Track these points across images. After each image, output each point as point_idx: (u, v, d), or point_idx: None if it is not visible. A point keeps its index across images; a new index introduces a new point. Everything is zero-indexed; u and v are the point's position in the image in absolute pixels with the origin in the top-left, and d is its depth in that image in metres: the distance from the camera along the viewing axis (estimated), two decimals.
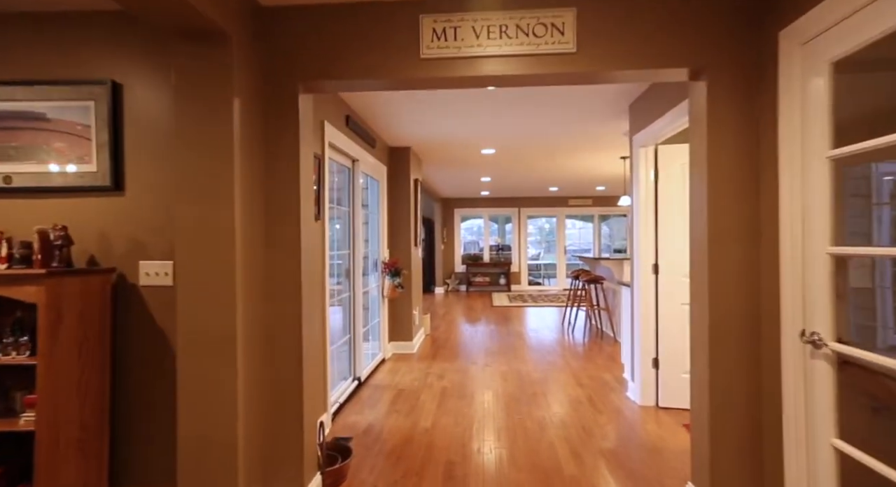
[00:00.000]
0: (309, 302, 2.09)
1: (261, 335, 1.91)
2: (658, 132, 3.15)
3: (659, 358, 3.35)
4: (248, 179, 1.81)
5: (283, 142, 1.93)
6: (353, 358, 3.88)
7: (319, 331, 2.77)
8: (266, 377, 1.92)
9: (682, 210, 3.29)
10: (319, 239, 2.85)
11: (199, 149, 1.66)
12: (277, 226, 1.94)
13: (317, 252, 2.75)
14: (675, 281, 3.30)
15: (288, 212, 1.94)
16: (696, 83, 1.90)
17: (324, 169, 2.90)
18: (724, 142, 1.80)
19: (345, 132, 3.46)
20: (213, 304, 1.64)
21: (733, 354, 1.82)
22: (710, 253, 1.84)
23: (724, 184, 1.81)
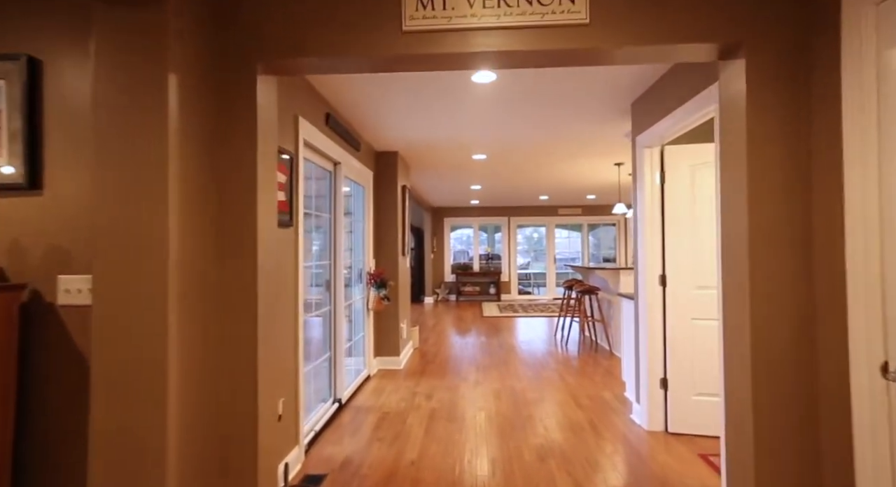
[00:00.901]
0: (269, 320, 1.77)
1: (207, 364, 1.57)
2: (664, 132, 2.91)
3: (668, 379, 3.07)
4: (190, 176, 1.49)
5: (238, 132, 1.62)
6: (333, 378, 3.54)
7: (290, 352, 2.44)
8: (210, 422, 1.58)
9: (691, 215, 3.04)
10: (291, 248, 2.53)
11: (122, 136, 1.34)
12: (230, 232, 1.62)
13: (287, 263, 2.42)
14: (686, 294, 3.03)
15: (243, 216, 1.62)
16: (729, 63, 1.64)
17: (297, 169, 2.59)
18: (767, 131, 1.54)
19: (324, 131, 3.16)
20: (136, 328, 1.32)
21: (784, 390, 1.53)
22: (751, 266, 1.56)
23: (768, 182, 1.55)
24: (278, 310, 2.37)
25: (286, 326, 2.47)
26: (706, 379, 2.98)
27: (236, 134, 1.62)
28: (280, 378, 2.35)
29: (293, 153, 2.52)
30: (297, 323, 2.60)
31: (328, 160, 3.43)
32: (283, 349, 2.42)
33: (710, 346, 2.97)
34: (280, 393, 2.35)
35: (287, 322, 2.48)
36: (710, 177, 3.01)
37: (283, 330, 2.44)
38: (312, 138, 2.88)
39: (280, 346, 2.39)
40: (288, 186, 2.45)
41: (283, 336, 2.42)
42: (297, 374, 2.59)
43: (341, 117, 3.60)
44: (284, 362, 2.43)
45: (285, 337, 2.45)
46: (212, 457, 1.57)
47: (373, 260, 4.66)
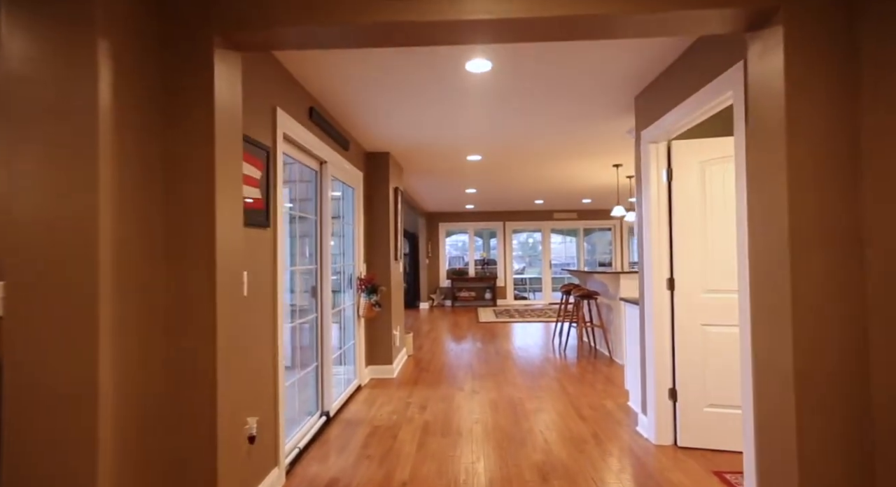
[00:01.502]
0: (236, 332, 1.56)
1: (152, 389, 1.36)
2: (672, 125, 2.73)
3: (677, 389, 2.87)
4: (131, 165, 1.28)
5: (192, 116, 1.42)
6: (320, 389, 3.32)
7: (268, 366, 2.22)
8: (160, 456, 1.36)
9: (701, 215, 2.86)
10: (268, 250, 2.32)
11: (41, 115, 1.13)
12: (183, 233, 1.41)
13: (264, 267, 2.21)
14: (695, 298, 2.85)
15: (198, 214, 1.41)
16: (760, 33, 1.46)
17: (274, 164, 2.39)
18: (811, 111, 1.36)
19: (308, 127, 2.96)
20: (58, 347, 1.10)
21: (833, 409, 1.34)
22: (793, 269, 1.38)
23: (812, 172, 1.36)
24: (253, 320, 2.16)
25: (262, 337, 2.25)
26: (719, 389, 2.78)
27: (190, 118, 1.42)
28: (254, 395, 2.13)
29: (270, 147, 2.32)
30: (277, 333, 2.39)
31: (313, 158, 3.22)
32: (258, 362, 2.20)
33: (722, 354, 2.78)
34: (254, 411, 2.13)
35: (264, 332, 2.26)
36: (721, 173, 2.84)
37: (259, 341, 2.22)
38: (294, 133, 2.67)
39: (254, 359, 2.17)
40: (264, 183, 2.24)
41: (258, 348, 2.20)
42: (277, 389, 2.37)
43: (327, 113, 3.40)
44: (259, 377, 2.21)
45: (261, 349, 2.24)
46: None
47: (364, 264, 4.45)
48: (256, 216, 2.16)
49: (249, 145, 2.10)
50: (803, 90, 1.40)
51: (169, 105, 1.42)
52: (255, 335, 2.17)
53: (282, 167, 2.47)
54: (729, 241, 2.80)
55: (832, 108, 1.35)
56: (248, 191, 2.07)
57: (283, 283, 2.47)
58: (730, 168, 2.83)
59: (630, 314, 3.66)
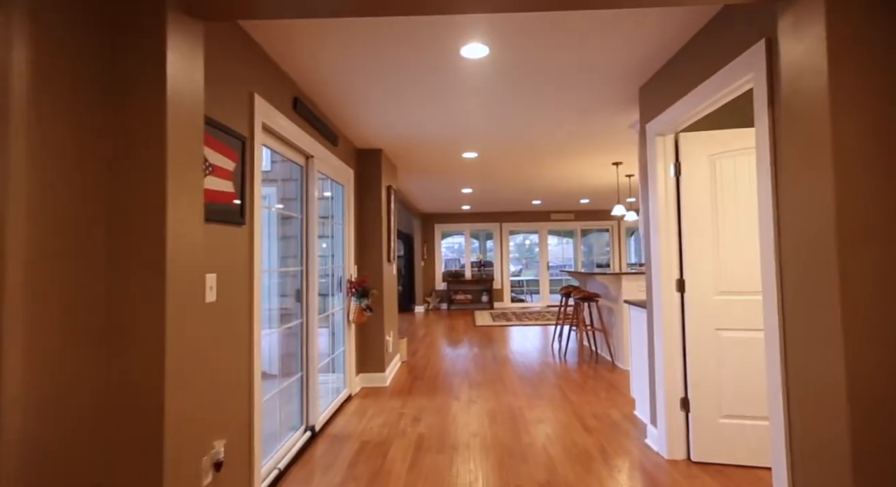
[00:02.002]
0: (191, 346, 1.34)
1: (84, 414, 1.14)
2: (680, 116, 2.54)
3: (689, 398, 2.67)
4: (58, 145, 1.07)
5: (139, 91, 1.21)
6: (305, 402, 3.09)
7: (241, 379, 2.00)
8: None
9: (712, 212, 2.67)
10: (244, 251, 2.10)
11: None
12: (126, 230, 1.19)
13: (237, 269, 1.99)
14: (707, 301, 2.65)
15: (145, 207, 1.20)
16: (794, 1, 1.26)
17: (252, 155, 2.17)
18: (859, 90, 1.16)
19: (292, 118, 2.74)
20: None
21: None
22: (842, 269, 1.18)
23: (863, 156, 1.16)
24: (224, 328, 1.94)
25: (236, 347, 2.03)
26: (735, 398, 2.58)
27: (136, 93, 1.20)
28: (224, 414, 1.91)
29: (246, 137, 2.10)
30: (253, 342, 2.16)
31: (298, 152, 3.01)
32: (229, 375, 1.98)
33: (738, 361, 2.59)
34: (223, 432, 1.90)
35: (237, 341, 2.04)
36: (732, 167, 2.65)
37: (231, 351, 2.00)
38: (275, 123, 2.46)
39: (225, 372, 1.95)
40: (238, 175, 2.02)
41: (229, 359, 1.98)
42: (252, 405, 2.14)
43: (314, 105, 3.19)
44: (231, 392, 1.99)
45: (234, 360, 2.02)
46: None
47: (354, 266, 4.23)
48: (229, 212, 1.94)
49: (221, 133, 1.88)
50: (849, 63, 1.21)
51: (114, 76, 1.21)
52: (226, 344, 1.95)
53: (260, 159, 2.25)
54: (744, 239, 2.61)
55: (884, 82, 1.16)
56: (218, 183, 1.85)
57: (260, 286, 2.25)
58: (742, 161, 2.64)
59: (635, 317, 3.46)
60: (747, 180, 2.62)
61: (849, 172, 1.21)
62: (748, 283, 2.59)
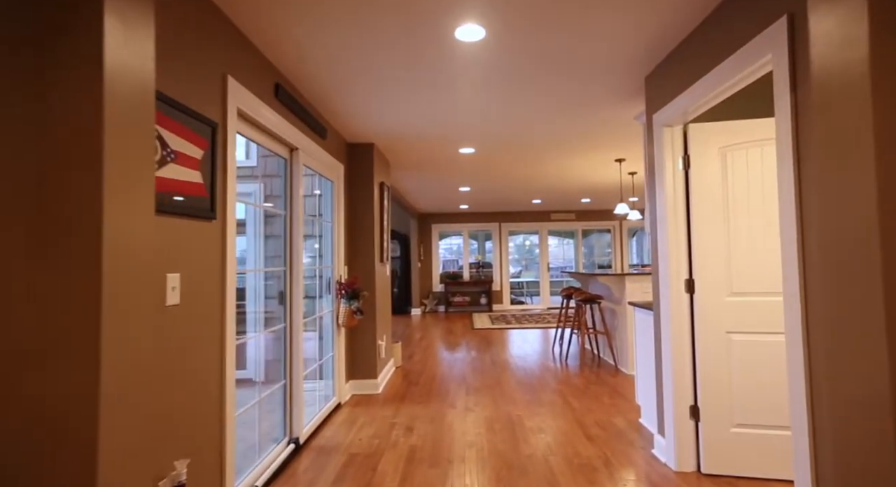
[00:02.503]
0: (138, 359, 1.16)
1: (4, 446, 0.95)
2: (689, 105, 2.36)
3: (699, 406, 2.48)
4: None
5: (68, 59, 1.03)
6: (288, 412, 2.90)
7: (211, 392, 1.81)
8: None
9: (723, 208, 2.48)
10: (214, 248, 1.92)
11: None
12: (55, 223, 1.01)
13: (208, 268, 1.81)
14: (718, 303, 2.47)
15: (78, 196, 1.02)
16: None
17: (224, 143, 1.99)
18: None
19: (273, 106, 2.56)
20: None
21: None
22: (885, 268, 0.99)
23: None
24: (189, 333, 1.75)
25: (203, 354, 1.84)
26: (748, 406, 2.40)
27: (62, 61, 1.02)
28: (189, 429, 1.72)
29: (217, 123, 1.92)
30: (226, 349, 1.98)
31: (281, 144, 2.83)
32: (196, 385, 1.79)
33: (751, 366, 2.40)
34: (188, 450, 1.72)
35: (206, 348, 1.86)
36: (744, 160, 2.47)
37: (198, 359, 1.81)
38: (253, 110, 2.28)
39: (190, 383, 1.76)
40: (207, 165, 1.84)
41: (195, 368, 1.79)
42: (223, 419, 1.95)
43: (298, 93, 3.01)
44: (198, 404, 1.80)
45: (201, 368, 1.83)
46: None
47: (345, 267, 4.04)
48: (196, 205, 1.76)
49: (186, 116, 1.70)
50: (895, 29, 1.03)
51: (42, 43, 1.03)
52: (194, 352, 1.76)
53: (234, 147, 2.07)
54: (758, 237, 2.43)
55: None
56: (182, 172, 1.67)
57: (235, 287, 2.07)
58: (755, 153, 2.46)
59: (641, 320, 3.28)
60: (762, 173, 2.44)
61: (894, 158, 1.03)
62: (763, 283, 2.40)
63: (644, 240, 11.69)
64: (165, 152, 1.58)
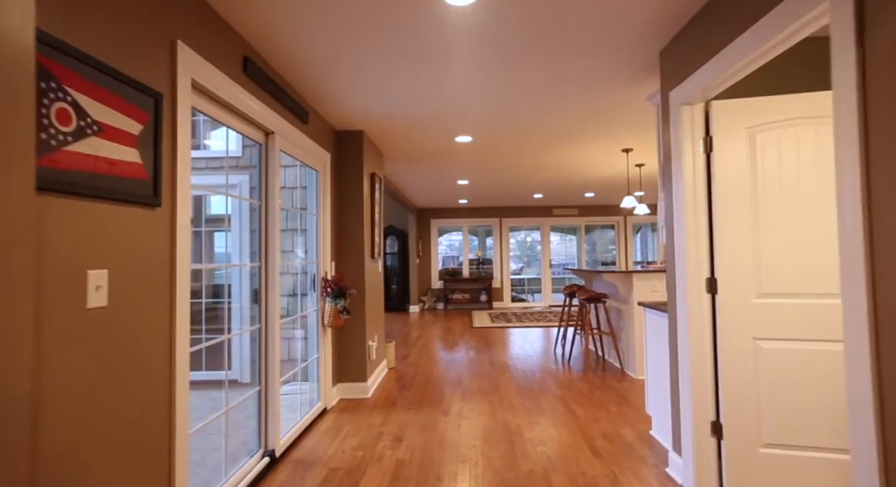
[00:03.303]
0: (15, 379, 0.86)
1: None
2: (712, 79, 2.06)
3: (722, 422, 2.20)
4: None
5: None
6: (263, 422, 2.62)
7: (157, 408, 1.54)
8: None
9: (751, 196, 2.19)
10: (160, 241, 1.63)
11: None
12: None
13: (152, 264, 1.52)
14: (745, 305, 2.17)
15: None
16: None
17: (173, 119, 1.70)
18: None
19: (242, 82, 2.27)
20: None
21: None
22: None
23: None
24: (126, 339, 1.47)
25: (145, 363, 1.56)
26: (780, 423, 2.11)
27: None
28: (120, 456, 1.44)
29: (162, 94, 1.63)
30: (175, 357, 1.69)
31: (253, 126, 2.54)
32: (132, 400, 1.51)
33: (783, 377, 2.11)
34: (119, 481, 1.44)
35: (147, 356, 1.58)
36: (777, 142, 2.17)
37: (136, 371, 1.53)
38: (214, 84, 1.99)
39: (126, 396, 1.48)
40: (148, 142, 1.55)
41: (133, 383, 1.51)
42: (172, 438, 1.67)
43: (272, 70, 2.72)
44: (134, 425, 1.52)
45: (142, 382, 1.55)
46: None
47: (332, 263, 3.76)
48: (131, 189, 1.47)
49: (115, 83, 1.42)
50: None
51: None
52: (129, 361, 1.48)
53: (188, 124, 1.78)
54: (793, 230, 2.13)
55: None
56: (111, 149, 1.39)
57: (188, 286, 1.78)
58: (788, 134, 2.16)
59: (652, 322, 2.99)
60: (797, 157, 2.14)
61: None
62: (800, 283, 2.11)
63: (649, 236, 11.39)
64: (84, 123, 1.29)
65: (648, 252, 11.48)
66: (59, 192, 1.22)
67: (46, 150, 1.17)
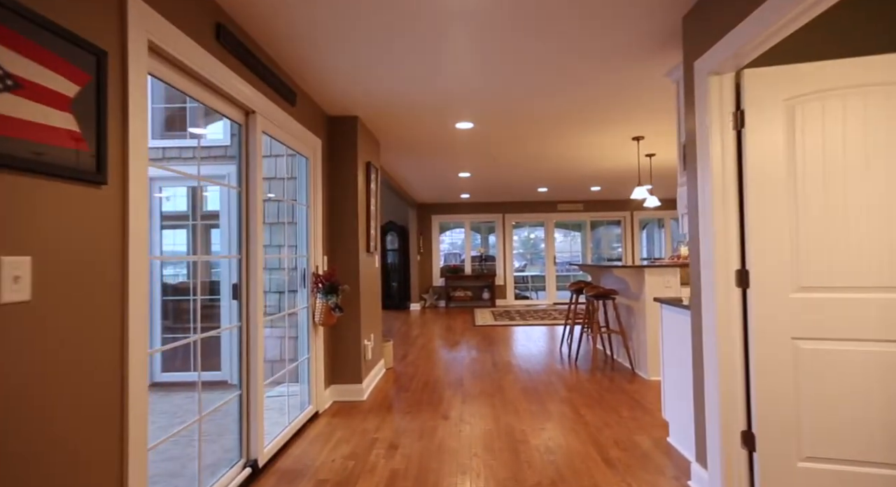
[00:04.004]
0: None
1: None
2: (746, 42, 1.79)
3: (754, 432, 1.95)
4: None
5: None
6: (245, 429, 2.39)
7: (110, 417, 1.29)
8: None
9: (790, 179, 1.93)
10: (107, 226, 1.40)
11: None
12: None
13: (99, 254, 1.28)
14: (782, 301, 1.92)
15: None
16: None
17: (123, 83, 1.46)
18: None
19: (214, 52, 2.03)
20: None
21: None
22: None
23: None
24: (60, 340, 1.23)
25: (87, 370, 1.33)
26: (823, 434, 1.86)
27: None
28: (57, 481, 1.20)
29: (105, 52, 1.38)
30: (127, 362, 1.46)
31: (230, 103, 2.29)
32: (68, 413, 1.27)
33: (828, 382, 1.86)
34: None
35: (91, 363, 1.34)
36: (821, 114, 1.91)
37: (74, 379, 1.30)
38: (181, 50, 1.74)
39: (62, 409, 1.24)
40: (88, 106, 1.31)
41: (71, 393, 1.27)
42: (124, 454, 1.44)
43: (252, 42, 2.47)
44: (72, 443, 1.29)
45: (83, 393, 1.31)
46: None
47: (324, 257, 3.52)
48: (62, 161, 1.23)
49: (44, 33, 1.18)
50: None
51: None
52: (66, 366, 1.24)
53: (144, 90, 1.54)
54: (841, 215, 1.87)
55: None
56: (34, 111, 1.15)
57: (148, 279, 1.55)
58: (835, 106, 1.90)
59: (670, 320, 2.74)
60: (844, 132, 1.89)
61: None
62: (848, 276, 1.85)
63: (655, 232, 11.11)
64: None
65: (655, 249, 11.21)
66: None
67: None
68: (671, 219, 10.60)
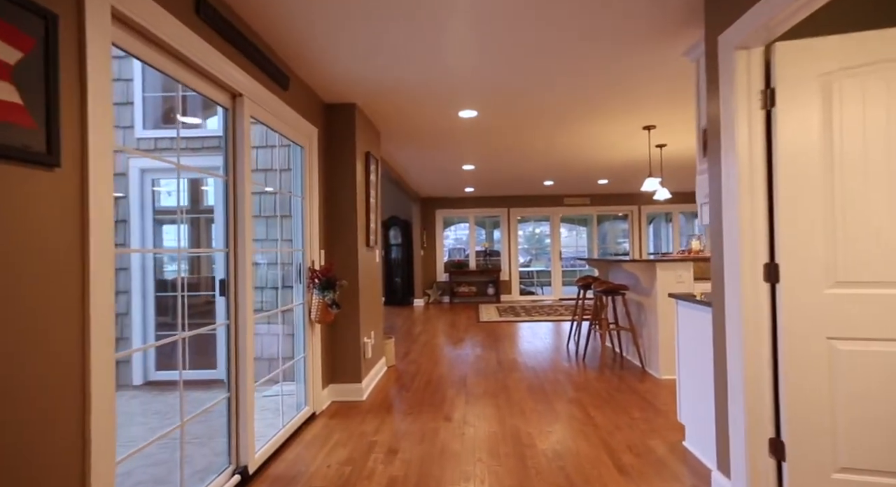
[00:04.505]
0: None
1: None
2: (779, 10, 1.61)
3: (784, 440, 1.78)
4: None
5: None
6: (234, 433, 2.25)
7: (70, 428, 1.14)
8: None
9: (826, 163, 1.75)
10: (65, 215, 1.24)
11: None
12: None
13: (48, 247, 1.12)
14: (815, 297, 1.75)
15: None
16: None
17: (77, 50, 1.30)
18: None
19: (193, 26, 1.87)
20: None
21: None
22: None
23: None
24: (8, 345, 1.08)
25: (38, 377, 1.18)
26: (862, 443, 1.69)
27: None
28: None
29: (56, 15, 1.22)
30: (88, 369, 1.31)
31: (215, 84, 2.13)
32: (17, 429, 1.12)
33: (868, 387, 1.69)
34: None
35: (45, 368, 1.19)
36: (861, 92, 1.72)
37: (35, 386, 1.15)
38: (152, 21, 1.58)
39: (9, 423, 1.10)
40: (36, 77, 1.15)
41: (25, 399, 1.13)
42: (86, 468, 1.29)
43: (238, 18, 2.31)
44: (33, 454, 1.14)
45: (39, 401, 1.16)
46: None
47: (321, 252, 3.37)
48: (6, 138, 1.07)
49: None
50: None
51: None
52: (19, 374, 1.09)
53: (108, 65, 1.38)
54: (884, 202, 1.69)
55: None
56: None
57: (112, 275, 1.39)
58: (877, 83, 1.71)
59: (686, 316, 2.57)
60: (889, 110, 1.70)
61: None
62: (894, 270, 1.67)
63: (662, 227, 10.89)
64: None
65: (662, 243, 11.00)
66: None
67: None
68: (679, 213, 10.37)
